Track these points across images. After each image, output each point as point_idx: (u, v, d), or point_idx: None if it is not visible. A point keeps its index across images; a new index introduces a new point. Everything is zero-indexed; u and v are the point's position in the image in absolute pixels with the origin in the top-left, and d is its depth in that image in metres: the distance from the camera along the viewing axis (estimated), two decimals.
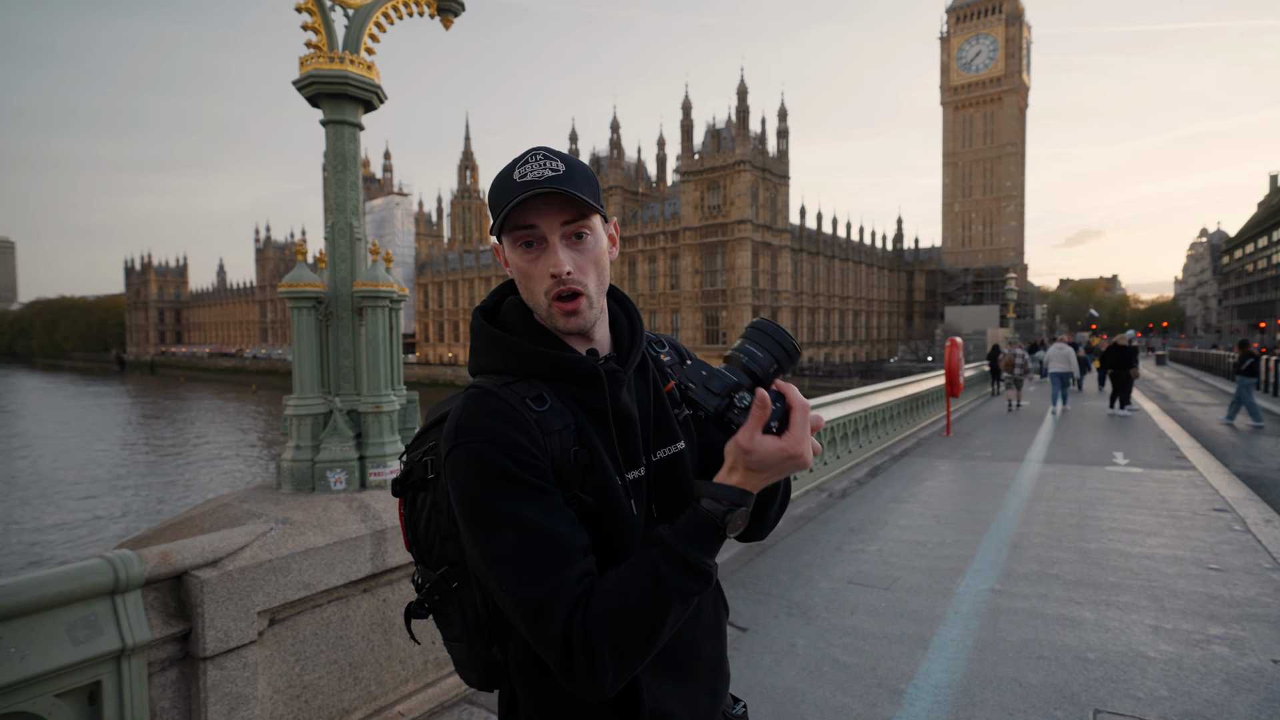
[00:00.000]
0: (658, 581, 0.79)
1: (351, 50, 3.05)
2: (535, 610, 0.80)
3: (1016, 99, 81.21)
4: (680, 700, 0.95)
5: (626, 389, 0.98)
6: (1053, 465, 8.28)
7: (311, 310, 3.03)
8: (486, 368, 0.97)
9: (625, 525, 0.92)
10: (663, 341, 1.13)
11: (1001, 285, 54.95)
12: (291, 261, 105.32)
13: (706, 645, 1.02)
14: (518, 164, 0.91)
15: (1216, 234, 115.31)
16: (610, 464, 0.93)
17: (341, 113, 3.04)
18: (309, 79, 2.97)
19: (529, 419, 0.88)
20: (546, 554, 0.82)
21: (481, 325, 0.99)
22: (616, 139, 59.05)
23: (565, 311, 0.93)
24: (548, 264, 0.91)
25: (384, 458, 3.02)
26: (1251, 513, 5.85)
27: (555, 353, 0.94)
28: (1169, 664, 3.22)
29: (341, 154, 3.08)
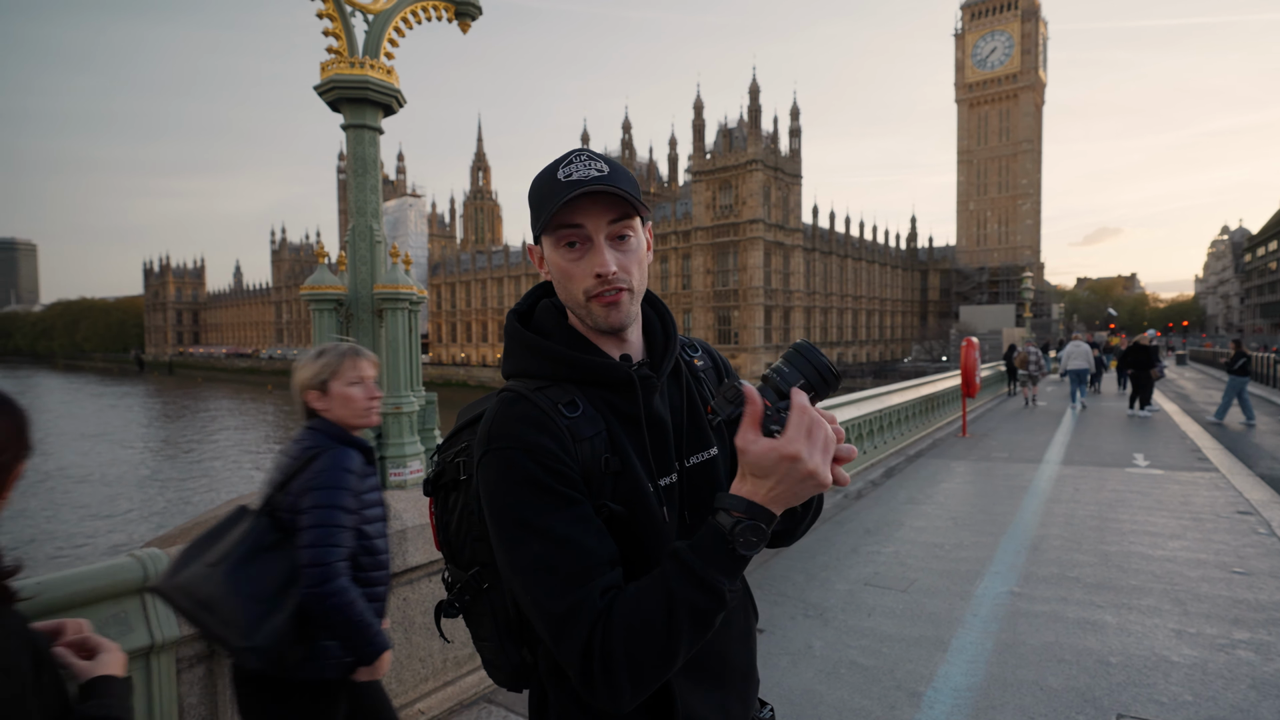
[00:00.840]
0: (668, 597, 0.78)
1: (371, 55, 3.09)
2: (559, 624, 0.80)
3: (1033, 96, 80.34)
4: (713, 707, 0.95)
5: (659, 394, 0.98)
6: (1071, 467, 8.19)
7: (332, 312, 3.06)
8: (519, 371, 0.97)
9: (656, 533, 0.91)
10: (696, 345, 1.12)
11: (1018, 284, 54.38)
12: (306, 263, 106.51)
13: (738, 652, 1.02)
14: (561, 164, 0.90)
15: (1238, 231, 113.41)
16: (642, 471, 0.92)
17: (362, 117, 3.08)
18: (330, 84, 3.01)
19: (561, 425, 0.88)
20: (572, 567, 0.82)
21: (515, 328, 0.99)
22: (628, 139, 59.13)
23: (606, 306, 0.92)
24: (592, 264, 0.90)
25: (404, 458, 3.05)
26: (1276, 515, 5.75)
27: (588, 358, 0.93)
28: (1193, 668, 3.18)
29: (362, 158, 3.11)
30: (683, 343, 1.09)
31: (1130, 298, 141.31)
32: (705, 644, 0.93)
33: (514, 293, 72.71)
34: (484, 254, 79.79)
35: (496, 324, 74.78)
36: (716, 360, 1.13)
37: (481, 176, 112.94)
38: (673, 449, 0.98)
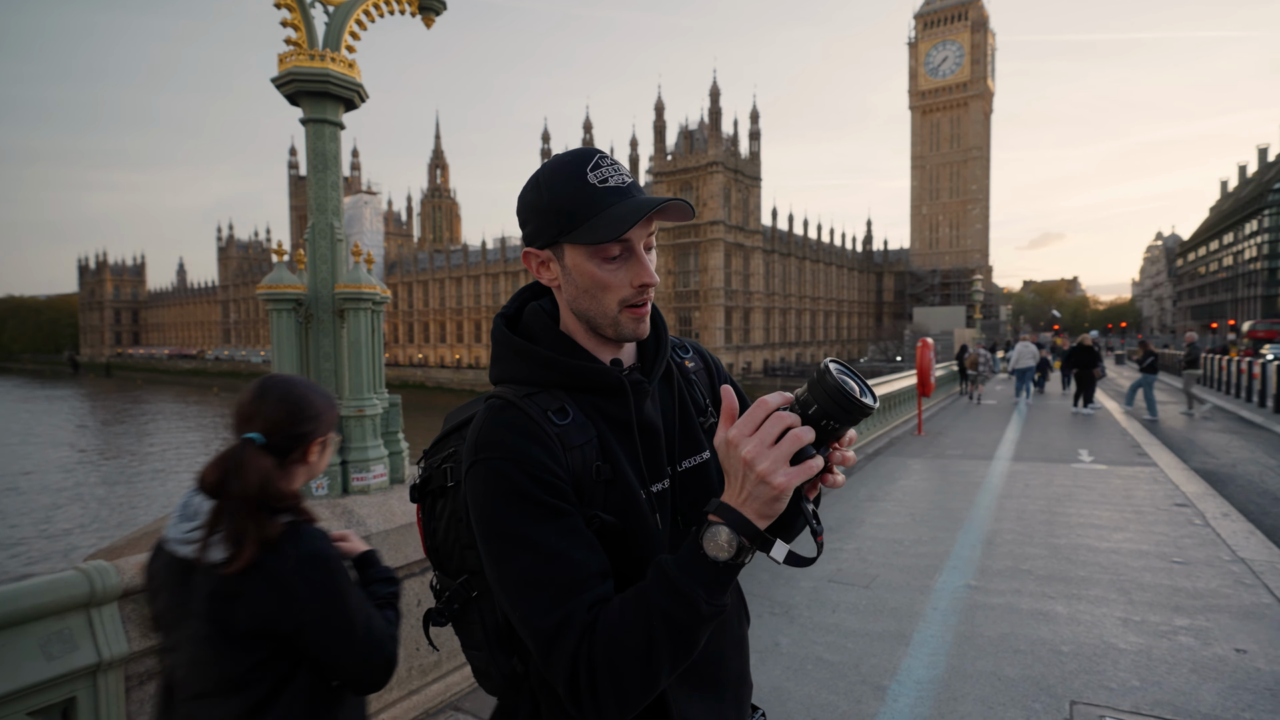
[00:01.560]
0: (647, 610, 0.77)
1: (332, 48, 3.00)
2: (546, 639, 0.79)
3: (982, 104, 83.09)
4: (708, 713, 0.94)
5: (651, 398, 0.97)
6: (1021, 463, 8.49)
7: (291, 312, 2.97)
8: (508, 377, 0.95)
9: (650, 541, 0.90)
10: (687, 347, 1.11)
11: (968, 287, 56.16)
12: (256, 260, 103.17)
13: (732, 658, 1.01)
14: (586, 166, 0.87)
15: (1171, 237, 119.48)
16: (634, 478, 0.91)
17: (322, 111, 2.99)
18: (288, 77, 2.91)
19: (550, 433, 0.86)
20: (560, 581, 0.80)
21: (503, 333, 0.97)
22: (589, 139, 58.95)
23: (638, 317, 0.91)
24: (632, 274, 0.89)
25: (367, 462, 2.97)
26: (1210, 507, 6.07)
27: (578, 363, 0.92)
28: (1139, 655, 3.32)
29: (322, 153, 3.02)
30: (673, 344, 1.07)
31: (1072, 300, 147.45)
32: (707, 653, 0.94)
33: (473, 293, 71.76)
34: (442, 253, 78.53)
35: (455, 324, 73.66)
36: (708, 361, 1.12)
37: (440, 174, 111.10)
38: (664, 454, 0.96)
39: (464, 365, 71.21)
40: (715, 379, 1.12)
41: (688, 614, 0.76)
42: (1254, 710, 2.81)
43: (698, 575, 0.76)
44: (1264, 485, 7.67)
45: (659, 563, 0.80)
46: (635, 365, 0.99)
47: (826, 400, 0.75)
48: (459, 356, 72.84)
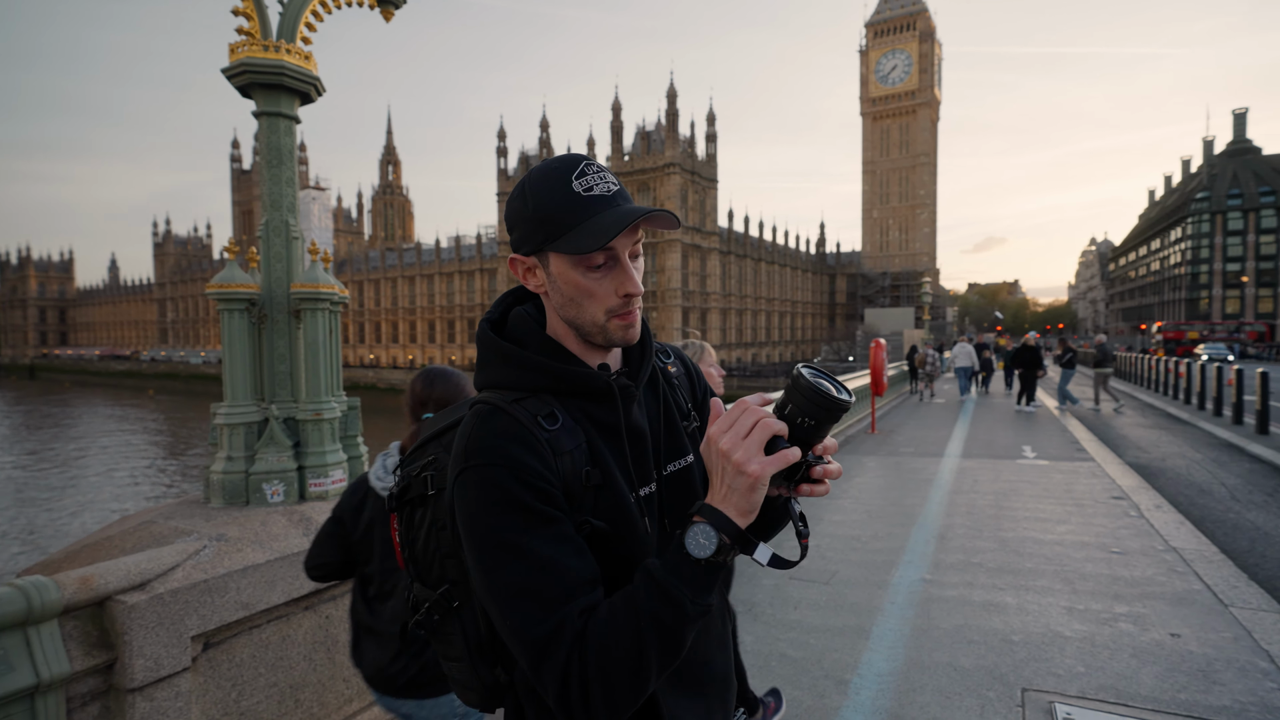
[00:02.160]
0: (635, 613, 0.77)
1: (287, 39, 2.90)
2: (537, 649, 0.78)
3: (929, 112, 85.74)
4: (696, 713, 0.95)
5: (637, 403, 0.97)
6: (970, 460, 8.79)
7: (244, 312, 2.85)
8: (494, 382, 0.94)
9: (639, 545, 0.90)
10: (669, 352, 1.11)
11: (917, 289, 57.85)
12: (195, 257, 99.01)
13: (718, 658, 1.02)
14: (572, 174, 0.87)
15: (1104, 243, 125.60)
16: (623, 482, 0.91)
17: (276, 104, 2.89)
18: (241, 67, 2.80)
19: (541, 439, 0.85)
20: (552, 590, 0.80)
21: (490, 338, 0.95)
22: (546, 138, 58.48)
23: (626, 324, 0.91)
24: (617, 283, 0.89)
25: (325, 467, 2.88)
26: (1144, 500, 6.40)
27: (567, 368, 0.91)
28: (1083, 642, 3.48)
29: (276, 148, 2.92)
30: (655, 348, 1.07)
31: (1014, 302, 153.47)
32: (695, 653, 0.95)
33: (427, 292, 70.39)
34: (394, 251, 76.78)
35: (408, 325, 72.11)
36: (688, 366, 1.13)
37: (392, 170, 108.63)
38: (651, 458, 0.97)
39: (417, 366, 69.77)
40: (695, 383, 1.13)
41: (675, 615, 0.77)
42: (1188, 691, 2.97)
43: (683, 576, 0.77)
44: (1191, 478, 8.13)
45: (645, 566, 0.80)
46: (622, 370, 0.99)
47: (801, 400, 0.79)
48: (412, 357, 71.36)
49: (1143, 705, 2.86)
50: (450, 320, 68.68)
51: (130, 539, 2.48)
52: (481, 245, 66.17)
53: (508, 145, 60.97)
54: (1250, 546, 5.47)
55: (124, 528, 2.63)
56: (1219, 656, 3.28)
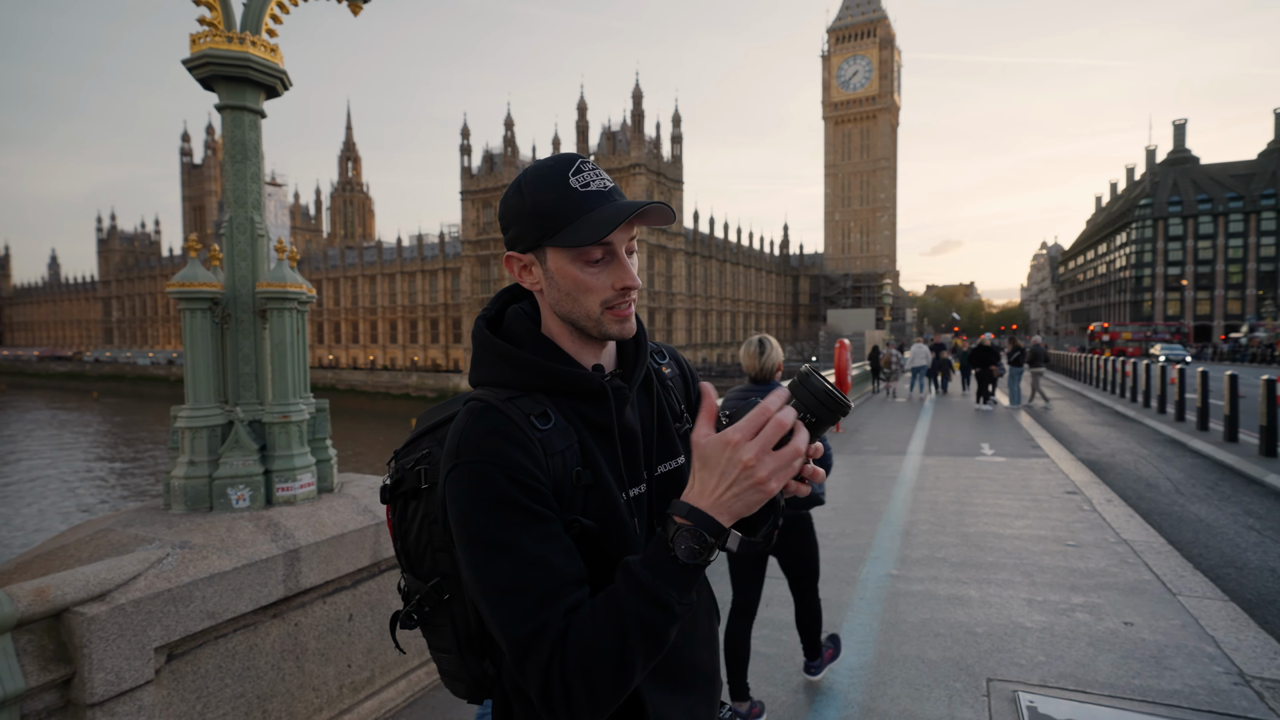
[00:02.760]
0: (618, 612, 0.77)
1: (252, 30, 2.82)
2: (522, 646, 0.79)
3: (889, 117, 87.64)
4: (681, 710, 0.96)
5: (630, 404, 0.98)
6: (931, 457, 9.01)
7: (206, 312, 2.76)
8: (489, 380, 0.94)
9: (628, 545, 0.91)
10: (664, 353, 1.12)
11: (878, 290, 59.12)
12: (142, 254, 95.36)
13: (704, 656, 1.03)
14: (568, 171, 0.88)
15: (1054, 247, 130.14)
16: (614, 483, 0.92)
17: (241, 98, 2.81)
18: (203, 59, 2.71)
19: (533, 438, 0.86)
20: (539, 588, 0.80)
21: (486, 336, 0.96)
22: (510, 136, 57.94)
23: (620, 319, 0.92)
24: (613, 277, 0.90)
25: (293, 471, 2.81)
26: (1096, 494, 6.65)
27: (562, 368, 0.92)
28: (1043, 632, 3.60)
29: (241, 143, 2.83)
30: (650, 349, 1.08)
31: (970, 303, 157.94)
32: (673, 649, 0.95)
33: (388, 291, 69.06)
34: (354, 249, 75.17)
35: (369, 324, 70.65)
36: (683, 367, 1.14)
37: (351, 167, 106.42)
38: (642, 459, 0.97)
39: (379, 367, 68.43)
40: (690, 385, 1.13)
41: (661, 615, 0.77)
42: (1142, 676, 3.10)
43: (668, 577, 0.77)
44: (1139, 473, 8.48)
45: (627, 565, 0.80)
46: (616, 371, 0.99)
47: (811, 399, 0.79)
48: (373, 358, 69.94)
49: (1100, 691, 2.98)
50: (412, 320, 67.50)
51: (86, 548, 2.37)
52: (444, 244, 65.21)
53: (472, 143, 60.16)
54: (1194, 538, 5.74)
55: (78, 536, 2.52)
56: (1169, 643, 3.43)
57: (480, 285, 58.66)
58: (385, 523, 2.99)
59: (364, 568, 2.88)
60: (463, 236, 59.33)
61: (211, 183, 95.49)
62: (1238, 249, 67.71)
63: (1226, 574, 4.83)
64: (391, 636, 1.03)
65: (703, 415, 0.80)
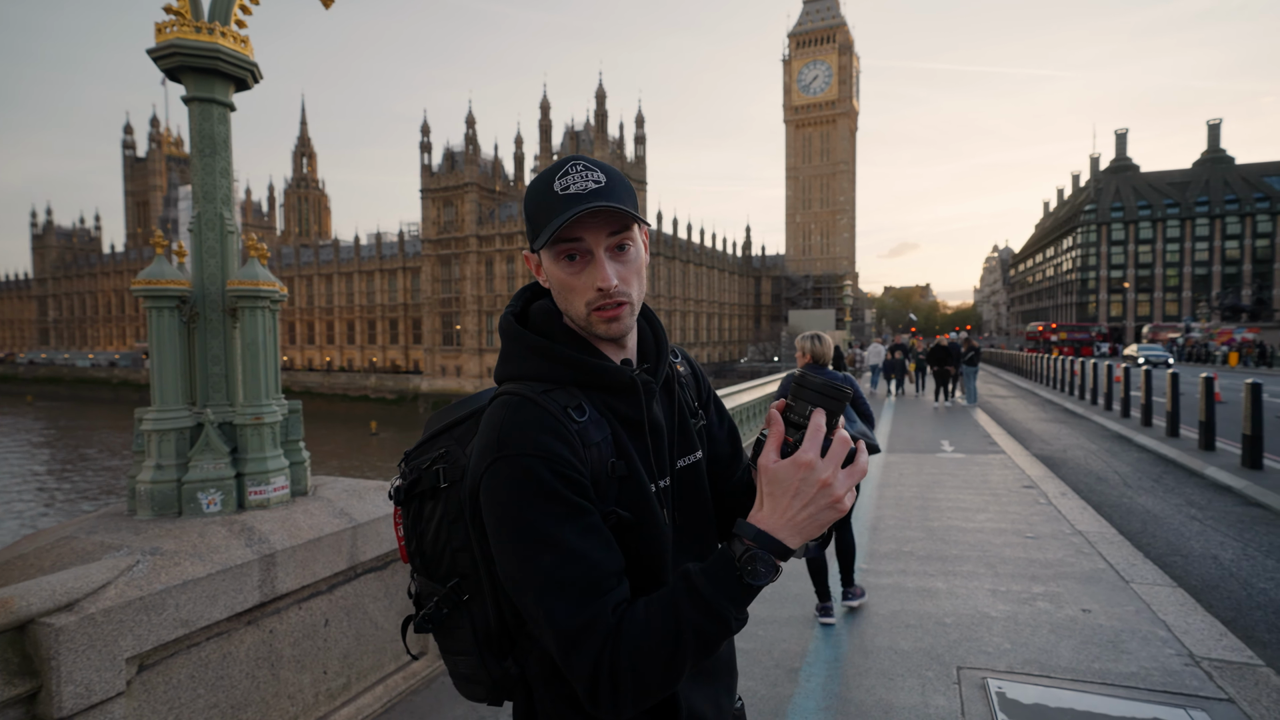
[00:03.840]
0: (676, 621, 0.79)
1: (220, 20, 2.74)
2: (570, 640, 0.80)
3: (848, 121, 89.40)
4: (708, 700, 0.99)
5: (655, 399, 0.99)
6: (895, 454, 9.24)
7: (174, 310, 2.67)
8: (521, 374, 0.94)
9: (661, 536, 0.92)
10: (676, 352, 1.14)
11: (838, 292, 60.27)
12: (81, 251, 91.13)
13: (725, 648, 1.05)
14: (556, 174, 0.89)
15: (1005, 250, 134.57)
16: (645, 475, 0.93)
17: (210, 90, 2.72)
18: (170, 49, 2.62)
19: (571, 430, 0.87)
20: (584, 581, 0.81)
21: (517, 330, 0.97)
22: (472, 134, 57.19)
23: (607, 319, 0.91)
24: (593, 278, 0.90)
25: (266, 474, 2.74)
26: (1051, 488, 6.92)
27: (596, 361, 0.93)
28: (1007, 621, 3.73)
29: (210, 136, 2.75)
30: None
31: (926, 305, 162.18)
32: None
33: (345, 291, 67.48)
34: (310, 248, 73.28)
35: (325, 325, 68.93)
36: (694, 367, 1.17)
37: (306, 163, 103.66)
38: (667, 453, 0.99)
39: (335, 368, 66.80)
40: (700, 383, 1.16)
41: (720, 630, 0.80)
42: (1101, 660, 3.24)
43: (730, 595, 0.79)
44: (1089, 467, 8.84)
45: (688, 575, 0.81)
46: (644, 365, 1.01)
47: (819, 397, 0.83)
48: (329, 359, 68.26)
49: (1063, 675, 3.10)
50: (371, 320, 66.10)
51: (48, 556, 2.27)
52: (404, 243, 64.05)
53: (432, 141, 59.25)
54: (1143, 528, 6.01)
55: (37, 544, 2.41)
56: (1125, 628, 3.59)
57: (441, 285, 57.80)
58: (361, 526, 2.95)
59: (340, 572, 2.82)
60: (423, 235, 58.33)
61: (157, 177, 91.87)
62: (1174, 253, 71.12)
63: (1173, 561, 5.08)
64: (403, 640, 1.02)
65: (771, 440, 0.82)
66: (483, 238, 55.71)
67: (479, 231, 55.56)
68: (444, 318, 57.69)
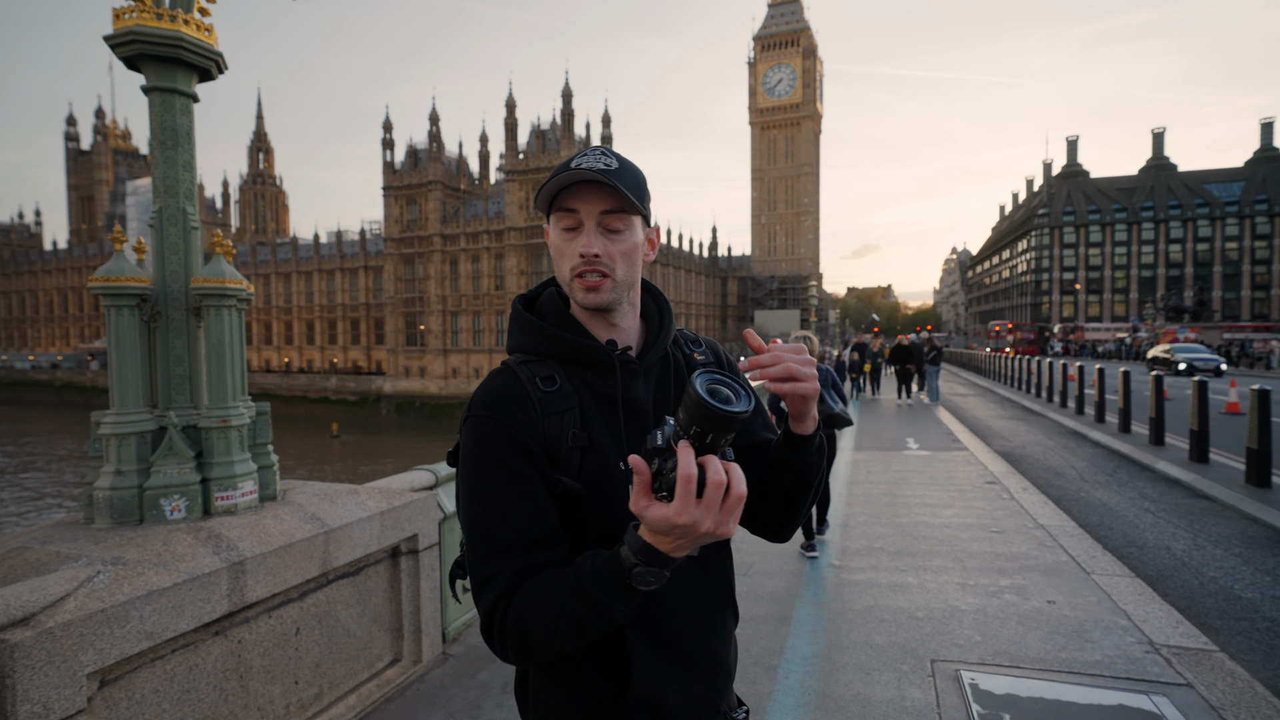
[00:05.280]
0: (560, 602, 0.84)
1: (183, 8, 2.63)
2: (479, 585, 0.91)
3: (812, 124, 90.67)
4: (674, 683, 0.98)
5: (643, 380, 1.04)
6: (862, 452, 9.40)
7: (134, 310, 2.56)
8: (515, 347, 1.06)
9: (617, 510, 0.90)
10: (700, 342, 1.18)
11: (803, 292, 61.05)
12: (20, 247, 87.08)
13: (709, 640, 1.04)
14: (576, 156, 0.98)
15: (963, 252, 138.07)
16: (612, 450, 0.96)
17: (173, 80, 2.62)
18: (129, 36, 2.51)
19: (534, 397, 0.96)
20: (498, 541, 0.90)
21: (517, 309, 1.08)
22: (436, 131, 56.33)
23: (586, 288, 0.99)
24: (579, 245, 0.98)
25: (233, 479, 2.64)
26: (1013, 483, 7.11)
27: (571, 337, 1.00)
28: (977, 614, 3.82)
29: (172, 128, 2.64)
30: (688, 338, 1.17)
31: (887, 305, 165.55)
32: (677, 625, 1.00)
33: (304, 290, 65.79)
34: (266, 245, 71.31)
35: (283, 325, 67.09)
36: (720, 356, 1.18)
37: (263, 158, 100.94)
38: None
39: (294, 369, 65.11)
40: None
41: (601, 621, 0.84)
42: (1067, 650, 3.34)
43: (615, 595, 0.82)
44: (1047, 462, 9.12)
45: (579, 567, 0.85)
46: (628, 347, 1.05)
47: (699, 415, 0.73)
48: (288, 360, 66.49)
49: (1032, 665, 3.19)
50: (331, 320, 64.57)
51: (0, 568, 2.15)
52: (366, 241, 62.74)
53: (395, 138, 58.10)
54: (1100, 521, 6.23)
55: None
56: (1088, 618, 3.71)
57: (404, 284, 56.78)
58: (333, 531, 2.87)
59: (312, 579, 2.74)
60: (385, 234, 57.24)
61: (103, 171, 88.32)
62: (1122, 256, 73.93)
63: (1130, 553, 5.27)
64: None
65: (637, 488, 0.77)
66: (447, 236, 54.92)
67: (443, 230, 54.76)
68: (407, 318, 56.69)
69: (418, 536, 3.31)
